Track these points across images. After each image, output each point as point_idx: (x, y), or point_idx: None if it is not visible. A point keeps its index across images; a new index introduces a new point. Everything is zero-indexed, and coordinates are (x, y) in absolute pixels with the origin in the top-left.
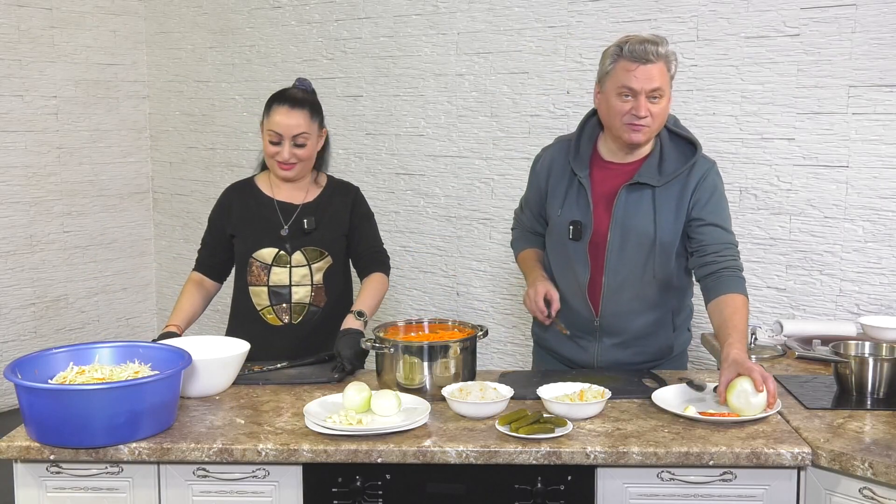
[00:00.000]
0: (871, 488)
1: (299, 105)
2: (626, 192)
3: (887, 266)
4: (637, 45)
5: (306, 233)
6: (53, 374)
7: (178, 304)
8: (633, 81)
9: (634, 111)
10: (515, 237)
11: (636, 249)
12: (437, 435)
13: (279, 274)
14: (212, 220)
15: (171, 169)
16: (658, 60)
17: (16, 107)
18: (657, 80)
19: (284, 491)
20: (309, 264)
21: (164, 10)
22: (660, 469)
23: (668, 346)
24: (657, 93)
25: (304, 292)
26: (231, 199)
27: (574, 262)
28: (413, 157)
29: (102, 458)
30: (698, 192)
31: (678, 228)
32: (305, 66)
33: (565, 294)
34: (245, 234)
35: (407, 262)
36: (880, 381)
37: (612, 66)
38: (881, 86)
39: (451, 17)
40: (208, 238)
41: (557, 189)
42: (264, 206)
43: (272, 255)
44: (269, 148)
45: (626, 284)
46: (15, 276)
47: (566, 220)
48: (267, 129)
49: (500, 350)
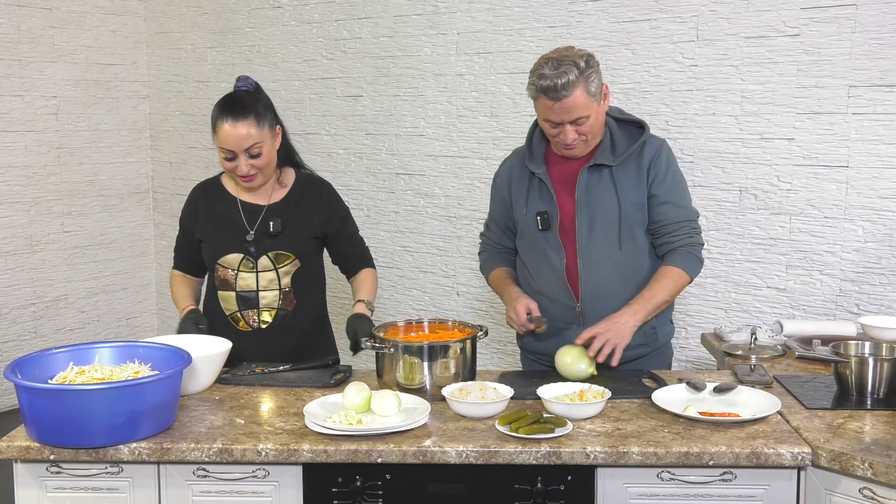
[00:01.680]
0: (871, 488)
1: (242, 115)
2: (586, 174)
3: (887, 266)
4: (548, 81)
5: (272, 236)
6: (53, 374)
7: (177, 291)
8: (554, 116)
9: (562, 139)
10: (484, 260)
11: (604, 227)
12: (437, 435)
13: (246, 279)
14: (182, 223)
15: (171, 169)
16: (573, 90)
17: (16, 107)
18: (578, 109)
19: (284, 491)
20: (276, 268)
21: (164, 10)
22: (660, 469)
23: (651, 326)
24: (580, 120)
25: (273, 296)
26: (197, 201)
27: (548, 251)
28: (413, 157)
29: (102, 458)
30: (654, 168)
31: (641, 202)
32: (305, 66)
33: (544, 288)
34: (211, 238)
35: (407, 262)
36: (880, 381)
37: (534, 98)
38: (881, 86)
39: (451, 17)
40: (181, 240)
41: (520, 192)
42: (228, 207)
43: (237, 260)
44: (224, 164)
45: (600, 264)
46: (15, 276)
47: (532, 213)
48: (218, 146)
49: (500, 350)
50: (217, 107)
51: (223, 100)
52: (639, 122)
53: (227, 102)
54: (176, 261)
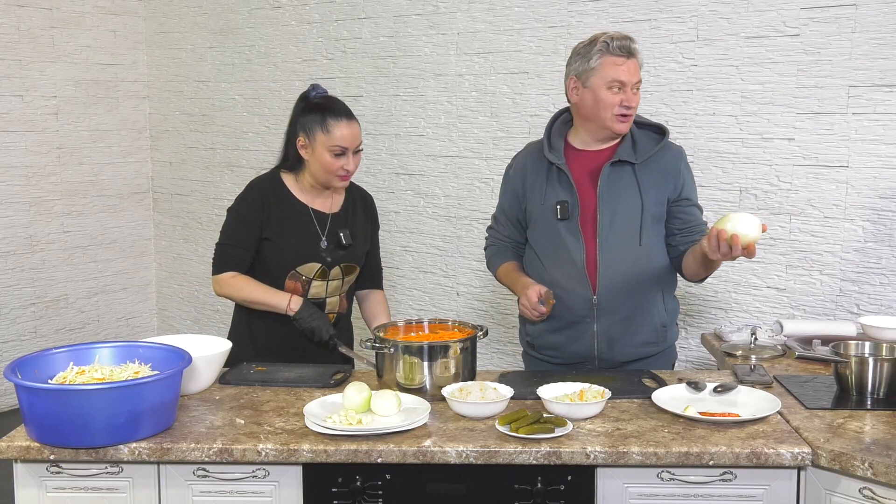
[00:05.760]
0: (871, 488)
1: (352, 115)
2: (609, 169)
3: (887, 266)
4: (621, 41)
5: (344, 247)
6: (53, 374)
7: (257, 288)
8: (623, 75)
9: (626, 102)
10: (491, 255)
11: (626, 222)
12: (437, 435)
13: (318, 287)
14: (245, 217)
15: (171, 169)
16: (637, 55)
17: (16, 107)
18: (638, 73)
19: (284, 491)
20: (343, 278)
21: (164, 10)
22: (660, 469)
23: (662, 324)
24: (638, 85)
25: (335, 302)
26: (268, 199)
27: (567, 241)
28: (413, 157)
29: (102, 458)
30: (683, 173)
31: (661, 202)
32: (305, 66)
33: (559, 278)
34: (283, 243)
35: (407, 262)
36: (880, 381)
37: (599, 61)
38: (881, 86)
39: (451, 17)
40: (244, 237)
41: (535, 183)
42: (301, 213)
43: (314, 269)
44: (333, 163)
45: (619, 258)
46: (15, 276)
47: (552, 202)
48: (329, 144)
49: (500, 350)
50: (321, 107)
51: (323, 101)
52: (659, 126)
53: (329, 104)
54: (230, 262)
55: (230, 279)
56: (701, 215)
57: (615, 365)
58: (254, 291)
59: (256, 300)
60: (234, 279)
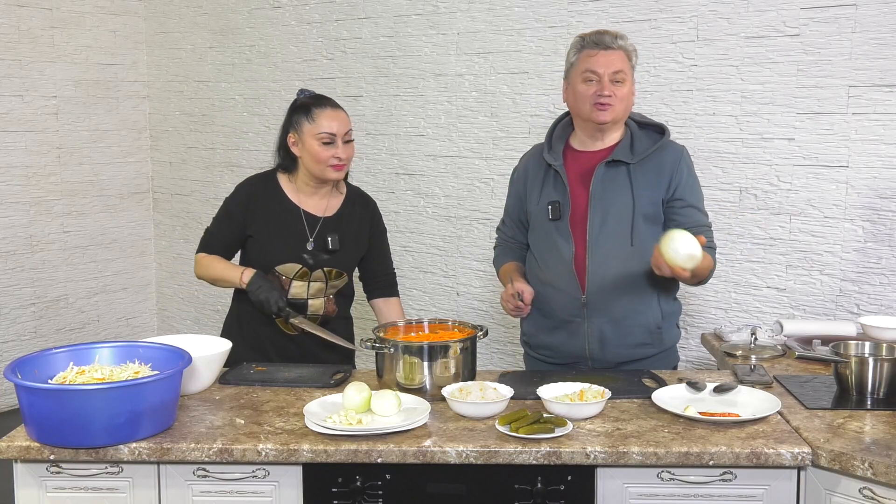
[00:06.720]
0: (871, 488)
1: (337, 105)
2: (603, 169)
3: (887, 266)
4: (596, 35)
5: (330, 252)
6: (53, 374)
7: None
8: (596, 65)
9: (599, 91)
10: (497, 254)
11: (617, 222)
12: (437, 435)
13: (298, 287)
14: (230, 212)
15: (171, 169)
16: (617, 48)
17: (16, 107)
18: (618, 64)
19: (284, 491)
20: (327, 281)
21: (164, 10)
22: (660, 469)
23: (657, 326)
24: (619, 76)
25: (319, 304)
26: (255, 195)
27: (557, 240)
28: (413, 157)
29: (102, 458)
30: (678, 173)
31: (656, 202)
32: (305, 66)
33: (551, 278)
34: (266, 241)
35: (407, 262)
36: (880, 381)
37: (576, 56)
38: (881, 86)
39: (451, 17)
40: (224, 229)
41: (534, 185)
42: (289, 213)
43: (295, 270)
44: (322, 152)
45: (609, 258)
46: (15, 276)
47: (545, 202)
48: (315, 133)
49: (500, 350)
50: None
51: (311, 96)
52: (660, 127)
53: (317, 96)
54: (209, 246)
55: (200, 258)
56: (703, 217)
57: (609, 365)
58: (216, 269)
59: (217, 276)
60: (202, 258)
